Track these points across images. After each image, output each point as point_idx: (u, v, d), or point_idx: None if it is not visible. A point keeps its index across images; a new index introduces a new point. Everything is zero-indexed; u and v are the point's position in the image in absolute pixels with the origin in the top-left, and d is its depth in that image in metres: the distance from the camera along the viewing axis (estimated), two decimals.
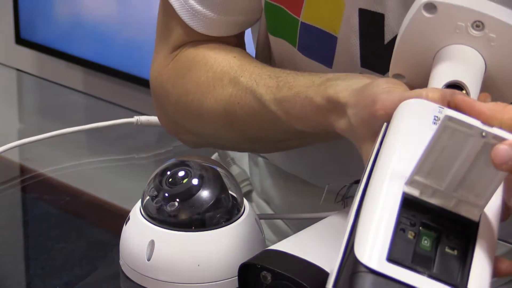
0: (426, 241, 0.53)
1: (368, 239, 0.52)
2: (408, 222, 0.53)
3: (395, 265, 0.51)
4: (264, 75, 0.80)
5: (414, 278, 0.51)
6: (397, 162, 0.56)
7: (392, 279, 0.50)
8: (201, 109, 0.84)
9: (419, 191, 0.54)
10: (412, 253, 0.52)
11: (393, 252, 0.51)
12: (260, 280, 0.72)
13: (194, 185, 0.77)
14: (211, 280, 0.76)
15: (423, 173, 0.54)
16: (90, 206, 1.10)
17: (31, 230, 1.04)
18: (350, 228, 0.54)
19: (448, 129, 0.52)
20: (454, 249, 0.53)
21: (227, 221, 0.77)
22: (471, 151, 0.52)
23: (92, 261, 0.93)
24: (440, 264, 0.52)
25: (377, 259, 0.51)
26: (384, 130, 0.62)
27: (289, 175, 0.96)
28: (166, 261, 0.75)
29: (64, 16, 1.88)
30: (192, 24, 0.85)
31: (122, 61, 1.80)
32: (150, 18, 0.92)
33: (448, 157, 0.53)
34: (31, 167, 1.22)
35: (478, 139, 0.52)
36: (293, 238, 0.76)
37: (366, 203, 0.54)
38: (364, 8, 0.78)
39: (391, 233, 0.52)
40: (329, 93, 0.72)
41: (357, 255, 0.51)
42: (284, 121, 0.77)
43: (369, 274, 0.50)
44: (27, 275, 0.94)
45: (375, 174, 0.56)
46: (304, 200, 0.95)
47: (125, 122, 1.20)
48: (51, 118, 1.58)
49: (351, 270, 0.51)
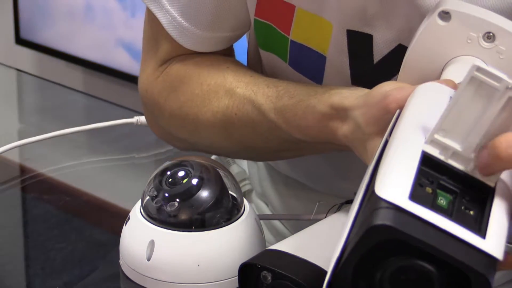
0: (442, 201, 0.53)
1: (390, 179, 0.51)
2: (427, 178, 0.53)
3: (417, 204, 0.50)
4: (262, 85, 0.79)
5: (436, 218, 0.50)
6: (417, 124, 0.55)
7: (415, 216, 0.49)
8: (197, 123, 0.84)
9: (438, 151, 0.54)
10: (431, 204, 0.51)
11: (414, 193, 0.50)
12: (260, 280, 0.72)
13: (194, 185, 0.77)
14: (211, 280, 0.76)
15: (444, 131, 0.53)
16: (90, 206, 1.10)
17: (31, 230, 1.04)
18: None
19: (475, 81, 0.51)
20: (470, 210, 0.53)
21: (227, 221, 0.77)
22: (495, 106, 0.52)
23: (92, 261, 0.93)
24: (457, 217, 0.51)
25: (399, 196, 0.50)
26: (397, 116, 0.61)
27: (287, 177, 0.96)
28: (166, 261, 0.75)
29: (64, 16, 1.88)
30: (180, 41, 0.84)
31: (122, 61, 1.80)
32: None
33: (471, 113, 0.53)
34: (31, 167, 1.22)
35: (504, 92, 0.51)
36: (293, 238, 0.76)
37: (387, 155, 0.54)
38: (352, 30, 0.78)
39: (413, 177, 0.51)
40: (333, 100, 0.72)
41: (378, 193, 0.50)
42: (284, 130, 0.77)
43: (391, 209, 0.49)
44: (27, 275, 0.94)
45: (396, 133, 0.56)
46: (302, 202, 0.95)
47: (125, 122, 1.20)
48: (51, 118, 1.58)
49: (371, 207, 0.50)
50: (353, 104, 0.70)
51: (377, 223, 0.49)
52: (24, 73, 1.89)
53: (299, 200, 0.96)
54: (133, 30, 1.77)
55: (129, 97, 1.75)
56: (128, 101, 1.66)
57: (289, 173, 0.96)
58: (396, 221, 0.49)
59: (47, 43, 1.91)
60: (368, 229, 0.49)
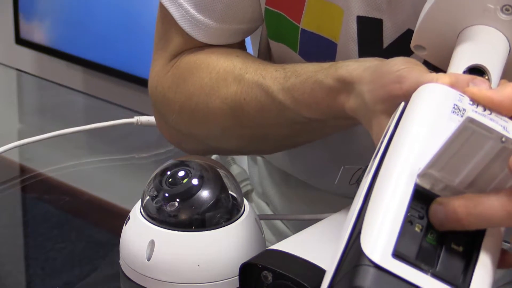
0: (432, 235, 0.53)
1: (375, 230, 0.51)
2: (417, 214, 0.53)
3: (399, 261, 0.50)
4: (270, 69, 0.79)
5: (417, 276, 0.50)
6: (410, 152, 0.55)
7: (395, 275, 0.50)
8: (206, 111, 0.84)
9: (430, 184, 0.54)
10: (418, 247, 0.52)
11: (399, 247, 0.51)
12: (261, 280, 0.72)
13: (194, 185, 0.77)
14: (211, 280, 0.76)
15: (437, 167, 0.53)
16: (90, 206, 1.10)
17: (31, 230, 1.04)
18: (357, 214, 0.53)
19: (468, 130, 0.51)
20: (460, 245, 0.53)
21: (227, 221, 0.77)
22: (488, 153, 0.52)
23: (92, 261, 0.93)
24: (444, 260, 0.52)
25: (382, 253, 0.50)
26: (401, 111, 0.60)
27: (288, 176, 0.96)
28: (166, 261, 0.75)
29: (64, 16, 1.88)
30: (193, 34, 0.84)
31: (122, 61, 1.80)
32: (151, 18, 0.91)
33: (464, 156, 0.52)
34: (31, 167, 1.22)
35: (497, 143, 0.51)
36: (294, 238, 0.76)
37: (376, 192, 0.54)
38: (362, 15, 0.78)
39: (399, 227, 0.51)
40: (340, 73, 0.71)
41: (363, 247, 0.50)
42: (293, 110, 0.76)
43: (372, 268, 0.50)
44: (27, 275, 0.94)
45: (387, 162, 0.55)
46: (302, 201, 0.95)
47: (125, 122, 1.20)
48: (51, 118, 1.58)
49: (355, 261, 0.51)
50: (361, 77, 0.69)
51: (356, 284, 0.49)
52: (24, 73, 1.88)
53: (300, 199, 0.96)
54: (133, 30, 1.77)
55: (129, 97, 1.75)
56: (128, 101, 1.66)
57: (290, 170, 0.95)
58: (375, 282, 0.49)
59: (47, 43, 1.90)
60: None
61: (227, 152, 0.97)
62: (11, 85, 1.84)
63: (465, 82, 0.60)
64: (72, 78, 1.89)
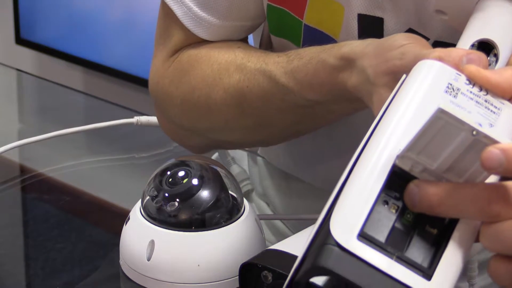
0: (409, 215, 0.53)
1: (344, 211, 0.52)
2: (394, 195, 0.53)
3: (364, 244, 0.51)
4: (272, 55, 0.79)
5: (380, 259, 0.51)
6: (392, 133, 0.55)
7: (358, 257, 0.51)
8: (209, 103, 0.83)
9: (410, 165, 0.54)
10: (389, 229, 0.52)
11: (367, 228, 0.51)
12: (261, 280, 0.72)
13: (194, 185, 0.77)
14: (211, 280, 0.76)
15: (415, 151, 0.53)
16: (90, 206, 1.10)
17: (31, 230, 1.04)
18: (336, 193, 0.54)
19: (440, 120, 0.52)
20: (435, 227, 0.53)
21: (227, 221, 0.77)
22: (461, 144, 0.52)
23: (92, 261, 0.93)
24: (415, 243, 0.52)
25: (347, 234, 0.51)
26: (400, 84, 0.60)
27: (288, 176, 0.96)
28: (166, 261, 0.75)
29: (64, 16, 1.88)
30: (196, 31, 0.84)
31: (122, 61, 1.80)
32: (151, 18, 0.92)
33: (440, 143, 0.53)
34: (31, 167, 1.22)
35: (469, 135, 0.52)
36: (293, 237, 0.76)
37: (355, 171, 0.54)
38: (363, 14, 0.78)
39: (369, 207, 0.52)
40: (343, 51, 0.71)
41: (331, 227, 0.51)
42: (296, 93, 0.76)
43: (336, 249, 0.51)
44: (27, 275, 0.93)
45: (371, 141, 0.56)
46: (303, 201, 0.95)
47: (125, 122, 1.20)
48: (51, 118, 1.57)
49: (322, 241, 0.51)
50: (363, 53, 0.69)
51: (319, 264, 0.50)
52: (24, 73, 1.88)
53: (300, 199, 0.96)
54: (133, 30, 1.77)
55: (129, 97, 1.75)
56: (128, 101, 1.66)
57: (290, 170, 0.95)
58: (337, 262, 0.50)
59: (47, 43, 1.91)
60: (311, 267, 0.51)
61: (230, 146, 0.97)
62: (11, 85, 1.84)
63: (458, 57, 0.59)
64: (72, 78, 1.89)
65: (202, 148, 0.91)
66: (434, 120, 0.52)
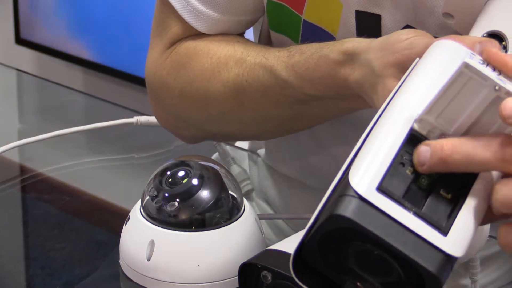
0: (423, 180, 0.54)
1: (363, 165, 0.53)
2: (410, 158, 0.54)
3: (383, 196, 0.52)
4: (273, 50, 0.80)
5: (398, 212, 0.51)
6: (410, 99, 0.56)
7: (376, 208, 0.51)
8: (207, 96, 0.83)
9: (427, 130, 0.54)
10: (406, 188, 0.53)
11: (385, 182, 0.52)
12: (260, 280, 0.72)
13: (194, 185, 0.77)
14: (211, 280, 0.76)
15: (434, 113, 0.54)
16: (90, 206, 1.10)
17: (31, 230, 1.04)
18: (354, 154, 0.54)
19: (463, 76, 0.52)
20: (449, 192, 0.54)
21: (227, 221, 0.77)
22: (482, 101, 0.53)
23: (92, 261, 0.93)
24: (430, 204, 0.53)
25: (367, 186, 0.52)
26: (413, 66, 0.61)
27: (289, 177, 0.96)
28: (166, 261, 0.75)
29: (64, 16, 1.88)
30: (194, 24, 0.85)
31: (122, 61, 1.80)
32: (151, 18, 0.91)
33: (460, 103, 0.53)
34: (31, 167, 1.22)
35: (491, 91, 0.52)
36: (293, 237, 0.76)
37: (373, 133, 0.55)
38: (360, 10, 0.78)
39: (388, 164, 0.53)
40: (346, 47, 0.72)
41: (350, 179, 0.52)
42: (296, 88, 0.76)
43: (355, 199, 0.51)
44: (27, 275, 0.94)
45: (388, 108, 0.56)
46: (303, 201, 0.95)
47: (125, 122, 1.20)
48: (51, 118, 1.58)
49: (341, 191, 0.52)
50: (368, 47, 0.69)
51: (337, 212, 0.51)
52: (24, 73, 1.88)
53: (300, 199, 0.95)
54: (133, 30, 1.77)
55: (129, 97, 1.75)
56: (128, 101, 1.66)
57: (290, 172, 0.95)
58: (356, 212, 0.51)
59: (47, 43, 1.91)
60: (329, 216, 0.52)
61: (224, 138, 0.97)
62: (11, 85, 1.84)
63: (472, 42, 0.60)
64: (72, 78, 1.89)
65: (196, 139, 0.92)
66: (457, 75, 0.52)
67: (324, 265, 0.55)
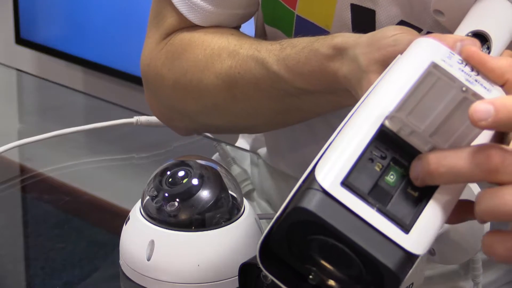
0: (392, 176, 0.54)
1: (331, 160, 0.53)
2: (379, 154, 0.54)
3: (347, 191, 0.52)
4: (265, 43, 0.80)
5: (361, 207, 0.52)
6: (385, 97, 0.56)
7: (339, 203, 0.52)
8: (201, 87, 0.84)
9: (398, 127, 0.55)
10: (372, 184, 0.53)
11: (351, 178, 0.52)
12: (260, 280, 0.72)
13: (194, 185, 0.77)
14: (211, 280, 0.76)
15: (404, 111, 0.54)
16: (90, 206, 1.10)
17: (31, 230, 1.04)
18: (324, 150, 0.55)
19: (432, 76, 0.53)
20: (416, 190, 0.54)
21: (227, 221, 0.77)
22: (450, 101, 0.53)
23: (92, 261, 0.93)
24: (396, 201, 0.53)
25: (331, 180, 0.52)
26: (394, 63, 0.61)
27: (289, 176, 0.96)
28: (166, 261, 0.75)
29: (64, 16, 1.88)
30: (189, 17, 0.85)
31: (122, 61, 1.80)
32: None
33: (429, 102, 0.54)
34: (31, 167, 1.22)
35: (458, 92, 0.53)
36: None
37: (344, 129, 0.55)
38: (356, 4, 0.78)
39: (355, 159, 0.53)
40: (336, 41, 0.72)
41: (316, 173, 0.52)
42: (287, 81, 0.77)
43: (319, 192, 0.52)
44: (27, 275, 0.94)
45: (363, 104, 0.57)
46: None
47: (125, 122, 1.20)
48: (51, 118, 1.58)
49: (308, 185, 0.53)
50: (356, 43, 0.70)
51: (300, 205, 0.52)
52: (24, 73, 1.88)
53: None
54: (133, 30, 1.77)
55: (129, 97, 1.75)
56: (128, 101, 1.66)
57: (290, 170, 0.95)
58: (318, 206, 0.52)
59: (47, 43, 1.91)
60: (293, 209, 0.53)
61: (217, 130, 0.97)
62: (11, 85, 1.84)
63: (453, 41, 0.59)
64: (72, 78, 1.89)
65: (189, 131, 0.92)
66: (426, 75, 0.53)
67: (290, 256, 0.56)
